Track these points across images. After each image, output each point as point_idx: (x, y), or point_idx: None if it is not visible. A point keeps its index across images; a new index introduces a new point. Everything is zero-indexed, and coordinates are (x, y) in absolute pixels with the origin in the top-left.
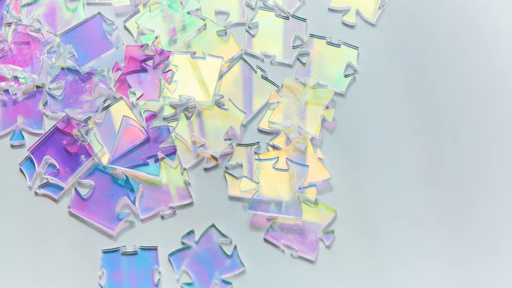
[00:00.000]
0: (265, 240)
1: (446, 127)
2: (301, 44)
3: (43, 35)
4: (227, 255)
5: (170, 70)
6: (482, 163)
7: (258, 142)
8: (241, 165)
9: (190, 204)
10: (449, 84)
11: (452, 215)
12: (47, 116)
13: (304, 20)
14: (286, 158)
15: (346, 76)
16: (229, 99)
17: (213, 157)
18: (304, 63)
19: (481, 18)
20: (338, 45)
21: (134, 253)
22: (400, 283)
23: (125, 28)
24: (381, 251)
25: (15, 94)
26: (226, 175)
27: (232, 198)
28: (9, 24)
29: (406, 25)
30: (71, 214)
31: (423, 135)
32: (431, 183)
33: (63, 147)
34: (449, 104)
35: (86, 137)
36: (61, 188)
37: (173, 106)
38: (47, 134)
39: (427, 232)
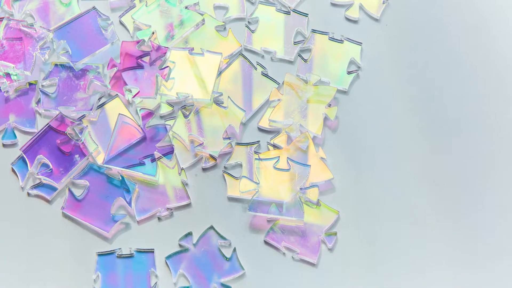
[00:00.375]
0: (266, 242)
1: (452, 125)
2: (303, 40)
3: (36, 30)
4: (226, 258)
5: (167, 66)
6: (490, 163)
7: (258, 141)
8: (240, 165)
9: (188, 205)
10: (456, 81)
11: (459, 217)
12: (40, 114)
13: (305, 15)
14: (287, 157)
15: (349, 73)
16: (228, 96)
17: (212, 157)
18: (305, 60)
19: (488, 13)
20: (341, 41)
21: (130, 256)
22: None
23: (121, 23)
24: (385, 254)
25: (7, 91)
26: (225, 175)
27: (231, 199)
28: (0, 19)
29: (411, 20)
30: (65, 216)
31: (429, 134)
32: (437, 184)
33: (56, 146)
34: (455, 102)
35: (80, 136)
36: (54, 189)
37: (170, 104)
38: (40, 133)
39: (433, 234)
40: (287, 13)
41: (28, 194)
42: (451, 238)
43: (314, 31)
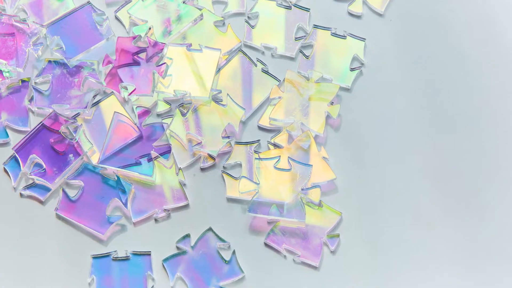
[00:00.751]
0: (266, 244)
1: (458, 124)
2: (304, 36)
3: (28, 26)
4: (225, 260)
5: (165, 63)
6: (497, 160)
7: (258, 140)
8: (240, 165)
9: (186, 206)
10: (462, 78)
11: (466, 218)
12: (33, 112)
13: (307, 9)
14: (288, 157)
15: (352, 69)
16: (227, 94)
17: (210, 156)
18: (307, 56)
19: (493, 7)
20: (343, 37)
21: (126, 259)
22: None
23: (116, 18)
24: (390, 257)
25: None
26: (224, 175)
27: (231, 200)
28: None
29: (415, 15)
30: (59, 217)
31: (434, 132)
32: (444, 184)
33: (50, 146)
34: (461, 99)
35: (74, 135)
36: (48, 189)
37: (167, 102)
38: (33, 131)
39: (439, 236)
40: (288, 7)
41: (21, 194)
42: (458, 240)
43: (316, 26)
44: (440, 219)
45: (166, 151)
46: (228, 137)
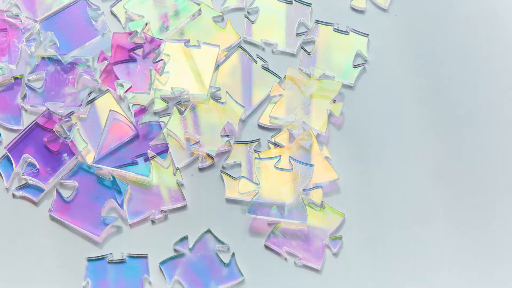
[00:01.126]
0: (266, 247)
1: (463, 121)
2: (306, 31)
3: (21, 21)
4: (224, 263)
5: (162, 60)
6: (504, 158)
7: (258, 139)
8: (239, 165)
9: (184, 207)
10: (467, 74)
11: (474, 220)
12: (26, 110)
13: (309, 4)
14: (289, 156)
15: (355, 66)
16: (227, 91)
17: (209, 156)
18: (309, 52)
19: (501, 4)
20: (346, 33)
21: (122, 262)
22: None
23: (112, 13)
24: (393, 259)
25: None
26: (223, 175)
27: (230, 201)
28: None
29: (420, 10)
30: (53, 218)
31: (439, 130)
32: (449, 185)
33: (43, 145)
34: (466, 96)
35: (69, 134)
36: (41, 190)
37: (164, 100)
38: (26, 130)
39: (444, 238)
40: (289, 2)
41: (14, 195)
42: (465, 243)
43: (317, 22)
44: (447, 222)
45: (163, 151)
46: (227, 136)
